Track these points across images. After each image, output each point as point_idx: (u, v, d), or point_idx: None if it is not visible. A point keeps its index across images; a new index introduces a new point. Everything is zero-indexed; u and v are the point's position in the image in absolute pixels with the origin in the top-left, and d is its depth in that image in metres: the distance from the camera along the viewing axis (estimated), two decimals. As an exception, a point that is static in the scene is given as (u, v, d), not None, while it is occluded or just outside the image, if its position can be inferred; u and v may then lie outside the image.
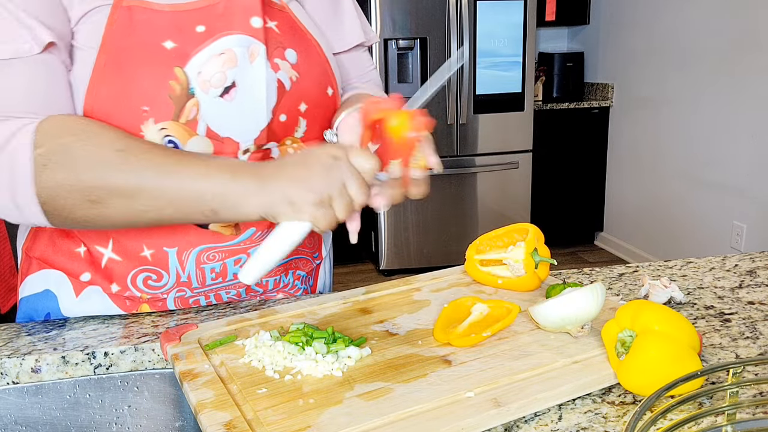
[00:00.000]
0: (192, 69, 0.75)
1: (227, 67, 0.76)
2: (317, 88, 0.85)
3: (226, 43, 0.76)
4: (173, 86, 0.74)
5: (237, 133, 0.79)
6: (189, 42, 0.75)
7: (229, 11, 0.77)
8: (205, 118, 0.76)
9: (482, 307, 0.77)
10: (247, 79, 0.77)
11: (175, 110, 0.75)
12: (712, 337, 0.75)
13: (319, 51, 0.86)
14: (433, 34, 3.46)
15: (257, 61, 0.78)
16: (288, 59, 0.82)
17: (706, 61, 3.20)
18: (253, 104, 0.78)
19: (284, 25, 0.83)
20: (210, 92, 0.76)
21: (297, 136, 0.85)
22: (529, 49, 3.56)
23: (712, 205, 3.25)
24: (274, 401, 0.61)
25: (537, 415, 0.60)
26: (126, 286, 0.85)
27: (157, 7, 0.75)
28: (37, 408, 0.76)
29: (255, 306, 0.90)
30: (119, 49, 0.74)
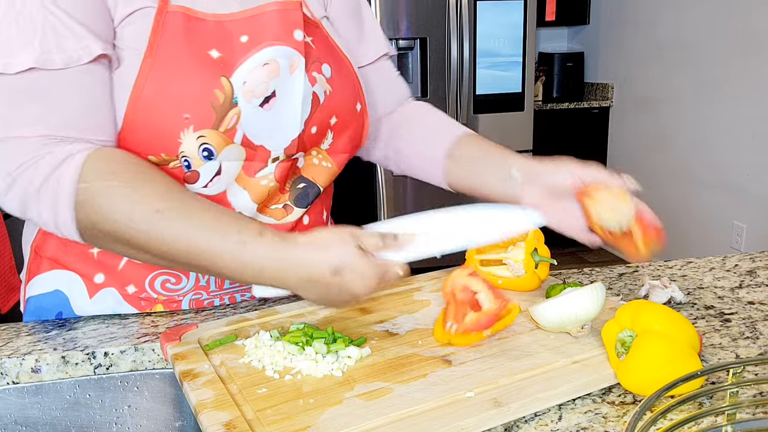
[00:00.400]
0: (237, 79, 0.75)
1: (271, 78, 0.77)
2: (348, 103, 0.86)
3: (270, 54, 0.76)
4: (217, 95, 0.74)
5: (270, 142, 0.79)
6: (234, 52, 0.75)
7: (272, 23, 0.78)
8: (243, 126, 0.76)
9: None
10: (286, 90, 0.78)
11: (216, 119, 0.74)
12: (712, 337, 0.75)
13: (350, 67, 0.88)
14: (433, 34, 3.46)
15: (296, 73, 0.79)
16: (324, 73, 0.83)
17: (707, 61, 3.20)
18: (289, 115, 0.79)
19: (319, 40, 0.83)
20: (252, 102, 0.76)
21: (323, 147, 0.87)
22: (529, 49, 3.56)
23: (712, 205, 3.25)
24: (274, 401, 0.61)
25: (537, 415, 0.60)
26: (143, 288, 0.85)
27: (201, 16, 0.75)
28: (37, 408, 0.76)
29: (255, 306, 0.90)
30: (166, 54, 0.73)
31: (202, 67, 0.74)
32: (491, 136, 3.50)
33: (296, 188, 0.86)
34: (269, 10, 0.78)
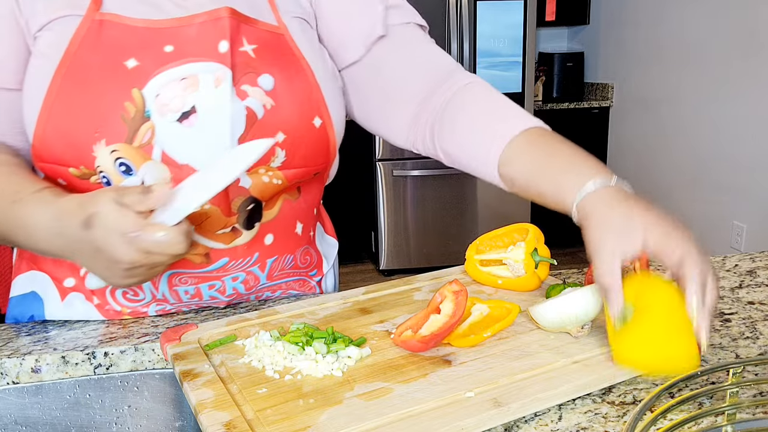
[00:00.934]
0: (150, 91, 0.72)
1: (188, 92, 0.73)
2: (299, 118, 0.79)
3: (191, 69, 0.73)
4: (128, 108, 0.71)
5: (197, 161, 0.75)
6: (153, 61, 0.72)
7: (200, 35, 0.74)
8: (160, 143, 0.73)
9: (482, 307, 0.77)
10: (209, 106, 0.74)
11: (128, 133, 0.72)
12: (712, 337, 0.75)
13: (310, 77, 0.80)
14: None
15: (223, 86, 0.74)
16: (261, 85, 0.76)
17: (707, 61, 3.20)
18: (216, 132, 0.74)
19: (267, 47, 0.77)
20: (167, 116, 0.73)
21: (273, 165, 0.79)
22: (529, 49, 3.56)
23: (712, 205, 3.25)
24: (274, 401, 0.61)
25: (537, 415, 0.60)
26: (105, 299, 0.84)
27: (130, 22, 0.73)
28: (37, 408, 0.76)
29: (255, 306, 0.90)
30: (79, 64, 0.71)
31: (114, 78, 0.72)
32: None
33: (245, 210, 0.80)
34: (198, 22, 0.74)
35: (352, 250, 3.94)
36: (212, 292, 0.85)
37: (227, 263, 0.82)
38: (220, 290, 0.85)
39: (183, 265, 0.81)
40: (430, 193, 3.69)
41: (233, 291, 0.86)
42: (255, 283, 0.87)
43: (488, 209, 3.78)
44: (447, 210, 3.73)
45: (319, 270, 0.98)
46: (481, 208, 3.77)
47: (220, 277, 0.84)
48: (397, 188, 3.65)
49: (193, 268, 0.82)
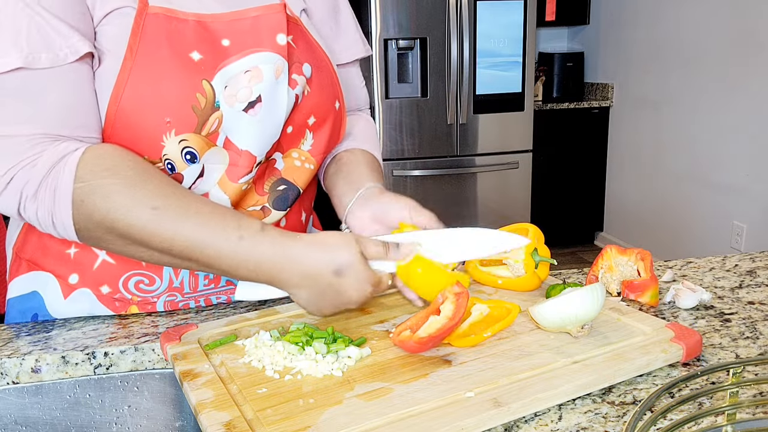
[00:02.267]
0: (219, 83, 0.74)
1: (254, 83, 0.76)
2: (326, 102, 0.86)
3: (253, 60, 0.76)
4: (199, 99, 0.73)
5: (255, 147, 0.79)
6: (215, 55, 0.74)
7: (256, 28, 0.77)
8: (225, 130, 0.76)
9: (482, 307, 0.77)
10: (272, 95, 0.78)
11: (198, 123, 0.74)
12: (712, 337, 0.75)
13: (329, 64, 0.86)
14: (433, 34, 3.46)
15: (281, 77, 0.78)
16: (305, 73, 0.82)
17: (707, 61, 3.20)
18: (273, 119, 0.79)
19: (299, 38, 0.82)
20: (235, 106, 0.75)
21: (304, 148, 0.86)
22: (529, 49, 3.56)
23: (712, 205, 3.25)
24: (274, 401, 0.61)
25: (537, 415, 0.60)
26: (117, 288, 0.84)
27: (182, 15, 0.74)
28: (37, 408, 0.76)
29: (255, 306, 0.90)
30: (146, 57, 0.72)
31: (183, 70, 0.73)
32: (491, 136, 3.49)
33: (276, 190, 0.86)
34: (251, 15, 0.77)
35: (352, 250, 3.94)
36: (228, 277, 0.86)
37: None
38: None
39: None
40: (430, 193, 3.69)
41: None
42: None
43: (488, 209, 3.77)
44: (447, 210, 3.73)
45: None
46: (481, 208, 3.77)
47: None
48: (397, 188, 3.64)
49: None
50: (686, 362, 0.69)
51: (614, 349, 0.68)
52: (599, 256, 0.90)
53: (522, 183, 3.77)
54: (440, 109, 3.56)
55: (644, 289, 0.84)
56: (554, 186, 4.02)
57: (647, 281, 0.84)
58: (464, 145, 3.65)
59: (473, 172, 3.70)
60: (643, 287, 0.84)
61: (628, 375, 0.65)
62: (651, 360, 0.66)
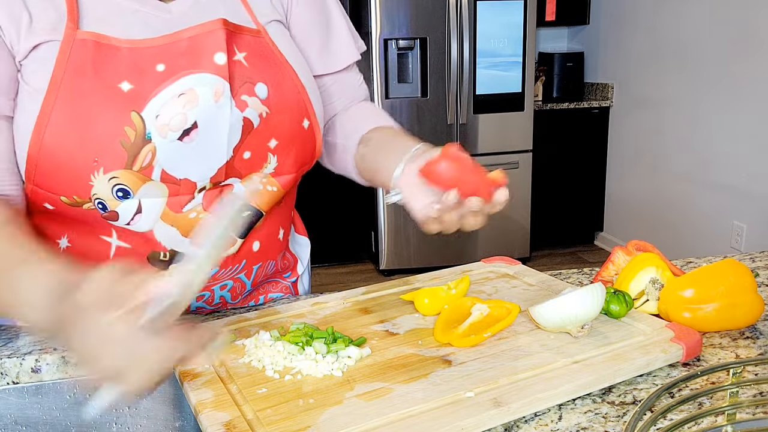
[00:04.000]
0: (149, 113, 0.70)
1: (188, 108, 0.71)
2: (290, 123, 0.79)
3: (186, 83, 0.71)
4: (128, 133, 0.69)
5: (194, 174, 0.74)
6: (147, 82, 0.70)
7: (192, 49, 0.72)
8: (161, 163, 0.71)
9: (482, 307, 0.77)
10: (210, 120, 0.72)
11: (129, 158, 0.70)
12: (712, 337, 0.75)
13: (295, 80, 0.80)
14: (433, 34, 3.46)
15: (222, 100, 0.72)
16: (258, 94, 0.76)
17: (707, 60, 3.20)
18: (214, 144, 0.74)
19: (255, 54, 0.77)
20: (168, 136, 0.71)
21: (266, 171, 0.80)
22: (529, 49, 3.56)
23: (712, 205, 3.25)
24: (274, 401, 0.61)
25: (537, 415, 0.60)
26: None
27: (115, 42, 0.70)
28: (37, 408, 0.76)
29: (255, 306, 0.90)
30: (71, 90, 0.68)
31: (111, 103, 0.69)
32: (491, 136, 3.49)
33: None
34: (187, 37, 0.72)
35: (352, 250, 3.94)
36: (199, 303, 0.85)
37: (217, 272, 0.82)
38: (207, 300, 0.85)
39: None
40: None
41: (220, 300, 0.86)
42: (241, 290, 0.87)
43: (488, 209, 3.77)
44: (447, 210, 3.73)
45: (293, 271, 0.98)
46: (481, 208, 3.76)
47: (210, 286, 0.83)
48: (397, 188, 3.64)
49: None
50: (686, 362, 0.69)
51: (614, 349, 0.68)
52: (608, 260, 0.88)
53: (522, 183, 3.77)
54: (440, 109, 3.56)
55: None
56: (554, 186, 4.02)
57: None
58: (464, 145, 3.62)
59: (473, 172, 3.70)
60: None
61: (628, 375, 0.65)
62: (651, 360, 0.66)
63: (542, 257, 4.00)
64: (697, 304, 0.74)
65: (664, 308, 0.76)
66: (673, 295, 0.76)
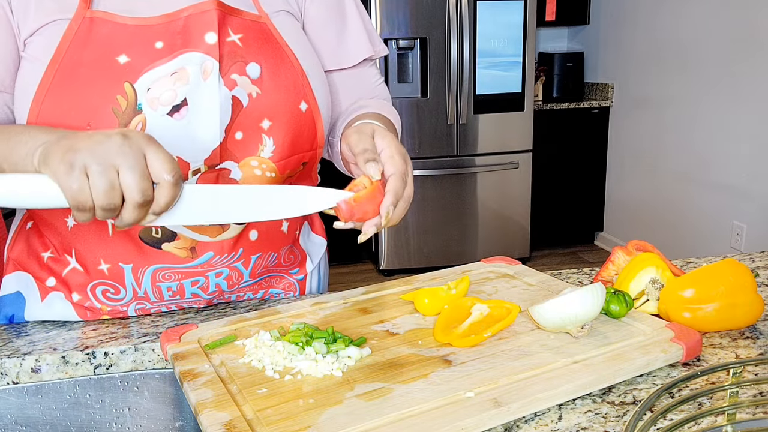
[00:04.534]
0: (141, 85, 0.73)
1: (179, 86, 0.74)
2: (285, 104, 0.80)
3: (180, 62, 0.74)
4: (119, 101, 0.72)
5: (187, 153, 0.75)
6: (145, 57, 0.73)
7: (186, 28, 0.75)
8: (152, 135, 0.72)
9: (482, 307, 0.77)
10: (199, 98, 0.75)
11: (120, 125, 0.72)
12: (712, 337, 0.75)
13: (294, 63, 0.81)
14: (433, 34, 3.46)
15: (210, 78, 0.75)
16: (249, 74, 0.78)
17: (707, 61, 3.20)
18: (206, 123, 0.75)
19: (252, 37, 0.79)
20: (159, 110, 0.73)
21: (264, 155, 0.80)
22: (529, 49, 3.56)
23: (712, 205, 3.25)
24: (274, 401, 0.61)
25: (537, 415, 0.60)
26: (86, 296, 0.84)
27: (120, 20, 0.74)
28: (37, 408, 0.76)
29: (255, 306, 0.90)
30: (70, 61, 0.72)
31: (105, 72, 0.72)
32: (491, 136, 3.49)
33: None
34: (183, 16, 0.75)
35: (352, 250, 3.94)
36: (194, 289, 0.85)
37: (212, 258, 0.83)
38: (202, 287, 0.85)
39: (168, 260, 0.81)
40: (430, 193, 3.69)
41: (216, 288, 0.86)
42: (238, 279, 0.87)
43: (488, 209, 3.78)
44: (447, 210, 3.73)
45: (301, 268, 0.98)
46: (481, 208, 3.77)
47: (204, 272, 0.84)
48: (397, 188, 3.64)
49: (177, 263, 0.82)
50: (686, 362, 0.69)
51: (614, 349, 0.68)
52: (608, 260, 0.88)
53: (522, 183, 3.77)
54: (440, 109, 3.56)
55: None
56: (554, 186, 4.02)
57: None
58: (464, 145, 3.65)
59: (473, 172, 3.71)
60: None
61: (628, 375, 0.65)
62: (651, 360, 0.66)
63: (542, 257, 4.01)
64: (697, 304, 0.74)
65: (664, 308, 0.76)
66: (673, 295, 0.76)
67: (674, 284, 0.77)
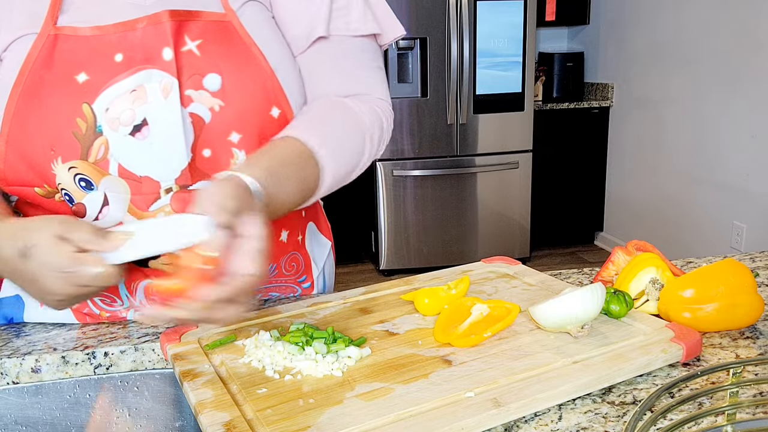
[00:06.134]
0: (100, 105, 0.70)
1: (137, 105, 0.71)
2: (254, 113, 0.75)
3: (139, 79, 0.71)
4: (79, 124, 0.70)
5: (156, 173, 0.73)
6: (103, 73, 0.71)
7: (144, 41, 0.71)
8: (116, 157, 0.72)
9: (482, 307, 0.77)
10: (160, 117, 0.71)
11: (82, 149, 0.71)
12: (712, 337, 0.75)
13: (263, 65, 0.75)
14: (433, 34, 3.46)
15: (171, 96, 0.71)
16: (207, 87, 0.73)
17: (707, 60, 3.20)
18: (170, 142, 0.72)
19: (213, 41, 0.74)
20: (119, 130, 0.71)
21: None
22: (529, 49, 3.56)
23: (712, 205, 3.25)
24: (274, 401, 0.61)
25: (537, 415, 0.60)
26: (85, 302, 0.84)
27: (82, 33, 0.71)
28: (37, 408, 0.76)
29: (255, 306, 0.90)
30: (33, 81, 0.70)
31: (65, 94, 0.70)
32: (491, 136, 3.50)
33: None
34: (139, 27, 0.71)
35: (352, 250, 3.94)
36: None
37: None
38: None
39: (157, 275, 0.80)
40: (430, 193, 3.69)
41: None
42: None
43: (488, 209, 3.78)
44: (447, 210, 3.73)
45: (308, 275, 0.95)
46: (481, 208, 3.77)
47: None
48: (397, 188, 3.65)
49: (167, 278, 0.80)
50: (686, 362, 0.69)
51: (614, 349, 0.68)
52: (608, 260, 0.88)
53: (522, 183, 3.77)
54: (440, 109, 3.56)
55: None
56: (554, 186, 4.02)
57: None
58: (464, 145, 3.65)
59: (473, 172, 3.71)
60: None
61: (628, 375, 0.65)
62: (651, 360, 0.66)
63: (542, 257, 4.01)
64: (697, 304, 0.74)
65: (664, 308, 0.76)
66: (673, 295, 0.76)
67: (674, 284, 0.77)
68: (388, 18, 0.88)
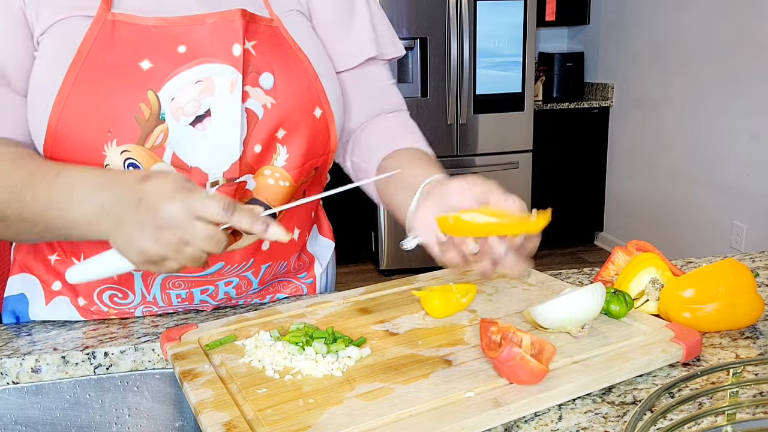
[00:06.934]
0: (165, 94, 0.72)
1: (203, 96, 0.73)
2: (299, 111, 0.79)
3: (205, 71, 0.73)
4: (143, 110, 0.71)
5: (206, 164, 0.75)
6: (167, 62, 0.72)
7: (213, 36, 0.74)
8: (173, 145, 0.73)
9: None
10: (223, 110, 0.74)
11: (141, 134, 0.72)
12: (712, 337, 0.75)
13: (308, 68, 0.80)
14: (433, 34, 3.46)
15: (236, 91, 0.74)
16: (262, 85, 0.76)
17: (707, 61, 3.20)
18: (227, 136, 0.74)
19: (265, 43, 0.77)
20: (181, 120, 0.72)
21: (277, 164, 0.79)
22: (529, 49, 3.56)
23: (712, 205, 3.25)
24: (274, 401, 0.61)
25: (537, 415, 0.60)
26: (92, 300, 0.84)
27: (142, 21, 0.72)
28: (37, 408, 0.76)
29: (255, 306, 0.90)
30: (93, 65, 0.71)
31: (129, 80, 0.71)
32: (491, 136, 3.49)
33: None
34: (209, 22, 0.74)
35: (352, 250, 3.94)
36: (204, 297, 0.85)
37: (223, 267, 0.82)
38: (211, 295, 0.85)
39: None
40: (430, 193, 3.68)
41: (224, 296, 0.86)
42: (247, 288, 0.87)
43: (488, 209, 3.77)
44: (447, 210, 3.73)
45: (309, 272, 0.96)
46: (481, 208, 3.76)
47: (214, 281, 0.83)
48: (397, 188, 3.64)
49: (188, 272, 0.81)
50: (686, 362, 0.69)
51: (614, 349, 0.68)
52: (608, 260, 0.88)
53: (522, 183, 3.77)
54: (440, 109, 3.56)
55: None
56: (554, 186, 4.02)
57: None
58: (464, 145, 3.65)
59: (473, 172, 3.70)
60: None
61: (628, 375, 0.65)
62: (651, 360, 0.66)
63: (542, 257, 4.00)
64: (697, 304, 0.74)
65: (664, 308, 0.76)
66: (673, 295, 0.76)
67: (674, 284, 0.77)
68: (395, 38, 0.96)
